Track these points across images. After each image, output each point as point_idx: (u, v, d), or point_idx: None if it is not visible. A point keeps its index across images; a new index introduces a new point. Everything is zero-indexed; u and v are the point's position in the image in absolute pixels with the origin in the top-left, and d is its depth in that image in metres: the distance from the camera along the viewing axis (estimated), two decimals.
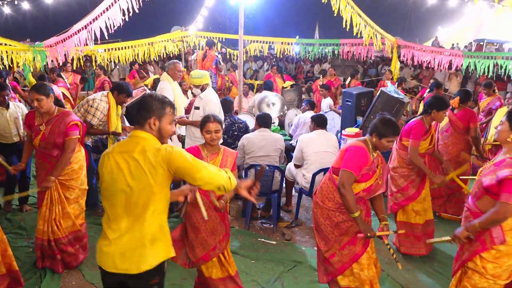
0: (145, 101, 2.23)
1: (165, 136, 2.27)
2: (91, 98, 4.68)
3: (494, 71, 8.82)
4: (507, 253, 2.50)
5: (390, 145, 3.03)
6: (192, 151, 3.12)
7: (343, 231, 3.06)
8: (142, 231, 2.15)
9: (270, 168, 4.68)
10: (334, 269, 3.13)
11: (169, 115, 2.26)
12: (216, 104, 4.93)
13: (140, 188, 2.12)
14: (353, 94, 6.81)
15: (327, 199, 3.11)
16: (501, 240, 2.49)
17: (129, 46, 10.03)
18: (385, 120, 3.00)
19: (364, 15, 9.29)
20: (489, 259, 2.52)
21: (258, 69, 14.89)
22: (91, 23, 6.65)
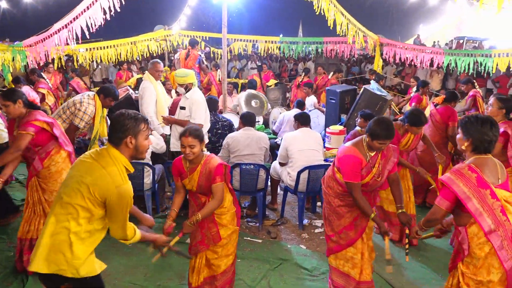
0: (118, 121, 2.22)
1: (142, 152, 2.31)
2: (78, 101, 4.59)
3: (474, 68, 8.98)
4: (482, 265, 2.38)
5: (383, 147, 3.03)
6: (176, 164, 3.14)
7: (341, 216, 3.19)
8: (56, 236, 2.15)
9: (255, 166, 4.68)
10: (330, 247, 3.29)
11: (144, 131, 2.28)
12: (202, 104, 4.89)
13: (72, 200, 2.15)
14: (337, 92, 6.86)
15: (327, 187, 3.28)
16: (467, 252, 2.42)
17: (112, 45, 9.90)
18: (379, 122, 3.00)
19: (347, 13, 9.35)
20: (469, 275, 2.42)
21: (243, 68, 14.86)
22: (72, 22, 6.53)
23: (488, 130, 2.43)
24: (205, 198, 3.13)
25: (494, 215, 2.33)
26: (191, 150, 2.97)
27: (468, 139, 2.47)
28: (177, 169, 3.15)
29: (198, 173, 3.04)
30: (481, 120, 2.47)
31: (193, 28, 15.32)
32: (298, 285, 3.69)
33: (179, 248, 2.90)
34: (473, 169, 2.39)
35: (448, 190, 2.42)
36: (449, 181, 2.41)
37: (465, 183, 2.36)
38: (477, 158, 2.47)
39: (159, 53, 11.66)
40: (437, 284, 3.72)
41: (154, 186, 4.86)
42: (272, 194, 5.43)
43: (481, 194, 2.34)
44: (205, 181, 3.02)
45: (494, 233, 2.32)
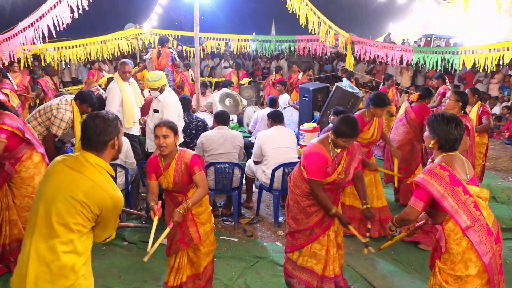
0: (98, 125, 2.08)
1: (121, 151, 2.26)
2: (55, 107, 4.45)
3: (442, 65, 9.24)
4: (460, 261, 2.42)
5: (347, 145, 3.08)
6: (151, 161, 3.11)
7: (309, 214, 3.22)
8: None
9: (230, 165, 4.67)
10: (294, 244, 3.32)
11: (121, 129, 2.24)
12: (175, 106, 4.84)
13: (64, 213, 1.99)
14: (310, 89, 6.92)
15: (295, 186, 3.29)
16: (443, 250, 2.47)
17: (81, 44, 9.68)
18: (344, 120, 3.05)
19: (319, 12, 9.44)
20: (448, 271, 2.46)
21: (215, 67, 14.80)
22: (38, 20, 6.34)
23: (453, 129, 2.48)
24: (181, 196, 3.10)
25: (468, 211, 2.39)
26: (165, 141, 2.93)
27: (434, 137, 2.53)
28: (153, 166, 3.10)
29: (173, 168, 3.02)
30: (447, 119, 2.51)
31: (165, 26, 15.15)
32: (275, 282, 3.71)
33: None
34: (444, 168, 2.43)
35: (422, 190, 2.44)
36: (423, 181, 2.43)
37: (439, 182, 2.39)
38: (445, 155, 2.52)
39: (130, 52, 11.47)
40: (409, 277, 3.82)
41: (127, 187, 4.78)
42: (247, 193, 5.44)
43: (454, 191, 2.38)
44: (181, 176, 3.01)
45: (471, 229, 2.37)
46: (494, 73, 10.95)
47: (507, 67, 11.15)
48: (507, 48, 8.07)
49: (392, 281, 3.74)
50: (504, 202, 5.57)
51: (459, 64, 8.92)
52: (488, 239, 2.40)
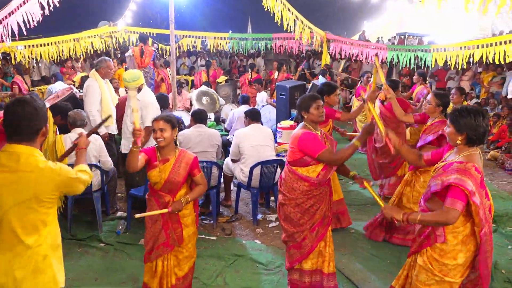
0: (29, 111, 1.97)
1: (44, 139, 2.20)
2: None
3: (415, 62, 9.43)
4: (451, 251, 2.48)
5: (321, 111, 3.12)
6: (149, 151, 3.05)
7: (312, 215, 3.15)
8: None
9: (208, 163, 4.64)
10: (302, 253, 3.20)
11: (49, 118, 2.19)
12: (154, 105, 4.80)
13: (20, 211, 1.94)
14: (287, 87, 6.93)
15: (292, 190, 3.16)
16: (442, 239, 2.50)
17: (53, 42, 9.44)
18: (301, 97, 3.25)
19: (294, 10, 9.49)
20: (435, 256, 2.52)
21: (192, 65, 14.69)
22: (7, 17, 6.15)
23: (481, 122, 2.44)
24: (169, 197, 3.02)
25: (484, 213, 2.42)
26: (162, 134, 2.92)
27: (463, 133, 2.47)
28: (150, 152, 3.05)
29: (171, 165, 2.99)
30: (473, 112, 2.46)
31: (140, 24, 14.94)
32: (254, 280, 3.72)
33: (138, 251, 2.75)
34: (478, 170, 2.42)
35: (461, 191, 2.35)
36: (461, 182, 2.36)
37: (474, 183, 2.37)
38: (472, 154, 2.48)
39: (104, 50, 11.26)
40: (387, 271, 3.88)
41: (103, 187, 4.69)
42: (225, 191, 5.42)
43: (481, 194, 2.41)
44: (178, 175, 2.98)
45: (484, 230, 2.42)
46: (465, 71, 11.25)
47: (477, 65, 11.48)
48: (477, 46, 8.30)
49: (370, 276, 3.80)
50: None
51: (431, 62, 9.13)
52: (490, 240, 2.50)
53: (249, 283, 3.66)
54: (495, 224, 4.83)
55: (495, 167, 7.23)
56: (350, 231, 4.66)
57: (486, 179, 6.55)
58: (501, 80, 10.51)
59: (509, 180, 6.54)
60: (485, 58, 8.12)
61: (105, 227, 4.64)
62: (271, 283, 3.66)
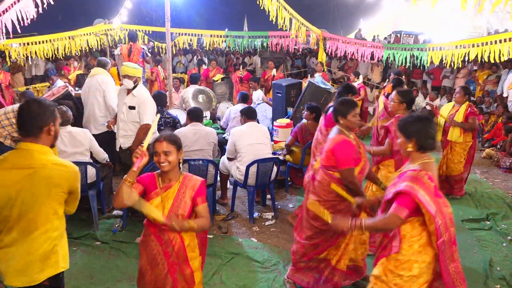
0: (33, 110, 2.12)
1: (57, 137, 2.29)
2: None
3: (411, 61, 9.47)
4: (406, 262, 2.43)
5: (357, 119, 3.13)
6: (146, 178, 2.56)
7: (344, 214, 3.11)
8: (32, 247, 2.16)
9: (204, 162, 4.64)
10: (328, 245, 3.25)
11: (58, 116, 2.26)
12: (151, 102, 4.69)
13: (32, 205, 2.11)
14: (283, 85, 6.95)
15: (329, 193, 3.13)
16: (397, 250, 2.44)
17: (48, 40, 9.39)
18: (339, 101, 3.17)
19: (290, 8, 9.49)
20: (390, 268, 2.48)
21: (188, 63, 14.65)
22: (1, 15, 6.11)
23: (429, 127, 2.46)
24: (174, 233, 2.50)
25: (444, 222, 2.36)
26: (166, 158, 2.47)
27: (412, 139, 2.47)
28: (147, 180, 2.56)
29: (175, 192, 2.52)
30: (419, 118, 2.50)
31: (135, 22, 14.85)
32: (251, 277, 3.72)
33: None
34: (432, 179, 2.38)
35: (409, 198, 2.33)
36: (412, 190, 2.33)
37: (427, 192, 2.33)
38: (426, 162, 2.45)
39: (99, 48, 11.21)
40: None
41: (98, 185, 4.67)
42: (221, 189, 5.42)
43: (438, 203, 2.36)
44: (183, 205, 2.50)
45: (442, 239, 2.35)
46: (460, 69, 11.29)
47: (472, 63, 11.53)
48: (472, 45, 8.34)
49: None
50: (471, 194, 5.77)
51: (427, 61, 9.16)
52: (452, 249, 2.42)
53: (246, 281, 3.66)
54: (490, 222, 4.86)
55: (490, 165, 7.27)
56: None
57: (481, 177, 6.58)
58: (496, 79, 10.56)
59: (504, 178, 6.58)
60: (480, 56, 8.16)
61: (101, 226, 4.62)
62: (267, 281, 3.67)
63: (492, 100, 9.89)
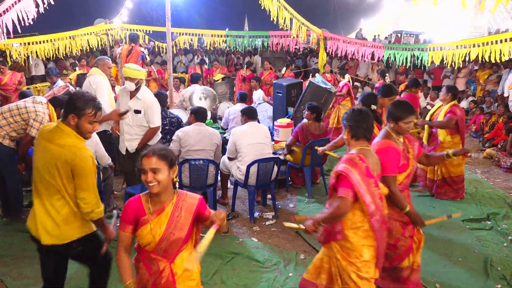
0: (71, 97, 2.54)
1: (83, 133, 2.54)
2: (32, 110, 4.28)
3: (412, 61, 9.47)
4: (355, 249, 2.57)
5: (410, 126, 3.03)
6: (132, 202, 2.24)
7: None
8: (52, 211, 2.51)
9: (205, 162, 4.64)
10: (399, 254, 3.09)
11: (90, 116, 2.50)
12: (157, 103, 4.62)
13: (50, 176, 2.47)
14: (283, 85, 6.96)
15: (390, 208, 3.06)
16: (342, 236, 2.58)
17: (48, 40, 9.40)
18: (397, 103, 3.08)
19: (291, 8, 9.49)
20: (341, 253, 2.61)
21: (189, 63, 14.65)
22: (2, 15, 6.12)
23: (363, 118, 2.69)
24: (165, 262, 2.21)
25: (375, 201, 2.56)
26: (155, 177, 2.13)
27: (347, 127, 2.71)
28: (133, 211, 2.21)
29: (168, 216, 2.20)
30: (357, 110, 2.75)
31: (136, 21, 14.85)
32: (251, 277, 3.72)
33: None
34: (363, 160, 2.58)
35: (346, 179, 2.52)
36: (347, 170, 2.53)
37: (358, 172, 2.54)
38: (362, 148, 2.67)
39: (100, 47, 11.22)
40: None
41: (100, 186, 4.67)
42: (222, 189, 5.42)
43: (368, 182, 2.55)
44: (178, 229, 2.19)
45: (374, 218, 2.55)
46: (461, 68, 11.29)
47: (473, 63, 11.52)
48: (473, 45, 8.34)
49: None
50: (472, 194, 5.76)
51: (428, 60, 9.16)
52: (383, 228, 2.63)
53: (246, 281, 3.66)
54: (490, 222, 4.86)
55: (491, 165, 7.27)
56: None
57: (482, 176, 6.58)
58: (497, 78, 10.56)
59: (505, 178, 6.57)
60: (481, 56, 8.16)
61: None
62: (268, 280, 3.67)
63: (493, 100, 9.89)
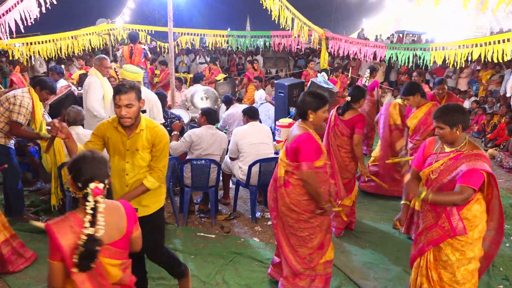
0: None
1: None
2: (11, 95, 4.26)
3: (414, 61, 9.44)
4: (471, 243, 2.66)
5: (327, 115, 3.11)
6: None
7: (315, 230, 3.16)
8: None
9: (206, 161, 4.64)
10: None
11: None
12: (159, 103, 4.65)
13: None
14: (285, 85, 6.95)
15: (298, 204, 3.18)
16: (461, 231, 2.61)
17: (50, 39, 9.41)
18: (308, 93, 3.09)
19: (292, 8, 9.48)
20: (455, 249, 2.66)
21: (191, 63, 14.67)
22: (4, 15, 6.13)
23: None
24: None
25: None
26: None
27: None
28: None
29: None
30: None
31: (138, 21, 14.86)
32: (253, 277, 3.72)
33: None
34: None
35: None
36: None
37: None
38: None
39: (102, 47, 11.22)
40: (384, 268, 3.90)
41: None
42: (224, 189, 5.42)
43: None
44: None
45: None
46: (463, 68, 11.26)
47: (475, 63, 11.49)
48: (475, 45, 8.30)
49: (368, 273, 3.81)
50: None
51: (430, 60, 9.12)
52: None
53: (248, 281, 3.66)
54: None
55: (493, 166, 7.25)
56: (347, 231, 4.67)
57: None
58: (499, 79, 10.53)
59: (507, 179, 6.56)
60: (483, 56, 8.13)
61: None
62: (269, 280, 3.66)
63: (495, 100, 9.86)
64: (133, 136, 2.75)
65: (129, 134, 2.77)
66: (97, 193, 1.93)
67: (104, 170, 2.03)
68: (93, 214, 1.92)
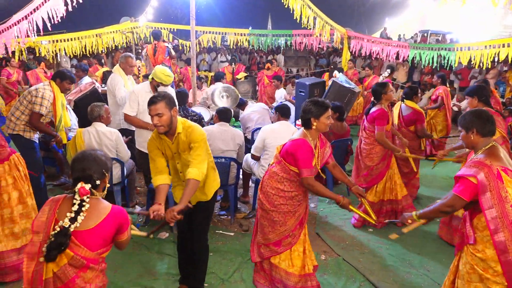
0: None
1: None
2: (33, 89, 4.41)
3: (438, 61, 9.26)
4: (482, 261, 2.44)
5: (331, 121, 3.15)
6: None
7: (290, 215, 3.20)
8: None
9: (227, 160, 4.66)
10: (276, 250, 3.24)
11: None
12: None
13: None
14: (306, 84, 6.91)
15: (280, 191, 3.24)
16: (471, 239, 2.48)
17: (76, 37, 9.61)
18: (311, 101, 3.16)
19: (314, 6, 9.42)
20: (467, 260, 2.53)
21: (212, 61, 14.75)
22: (32, 13, 6.29)
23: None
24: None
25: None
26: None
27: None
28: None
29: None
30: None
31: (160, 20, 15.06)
32: None
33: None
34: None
35: None
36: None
37: None
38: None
39: (125, 45, 11.39)
40: (405, 271, 3.84)
41: (123, 181, 4.76)
42: (243, 187, 5.43)
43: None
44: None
45: None
46: (489, 69, 10.98)
47: (502, 64, 11.20)
48: (502, 45, 8.09)
49: (388, 275, 3.76)
50: None
51: (454, 61, 8.94)
52: None
53: None
54: None
55: None
56: (368, 230, 4.62)
57: None
58: None
59: None
60: (511, 57, 7.91)
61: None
62: None
63: None
64: (174, 140, 2.98)
65: (171, 139, 3.00)
66: (83, 194, 2.07)
67: (97, 169, 2.12)
68: (77, 211, 2.06)
